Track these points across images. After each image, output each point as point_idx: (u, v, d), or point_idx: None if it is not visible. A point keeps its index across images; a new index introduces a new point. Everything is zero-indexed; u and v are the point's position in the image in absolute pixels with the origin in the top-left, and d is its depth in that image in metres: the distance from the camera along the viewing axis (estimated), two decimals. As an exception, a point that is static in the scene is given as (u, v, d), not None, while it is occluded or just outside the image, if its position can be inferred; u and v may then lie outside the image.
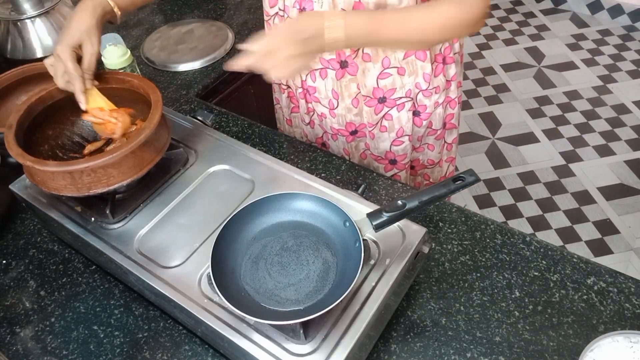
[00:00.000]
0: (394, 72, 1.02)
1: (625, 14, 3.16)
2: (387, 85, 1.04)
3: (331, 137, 1.18)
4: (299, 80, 1.09)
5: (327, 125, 1.15)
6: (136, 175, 0.81)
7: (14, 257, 0.96)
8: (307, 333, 0.67)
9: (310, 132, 1.21)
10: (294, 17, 0.88)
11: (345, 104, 1.08)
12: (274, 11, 1.06)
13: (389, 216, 0.70)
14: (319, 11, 0.89)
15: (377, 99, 1.06)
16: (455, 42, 1.06)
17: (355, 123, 1.11)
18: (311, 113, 1.16)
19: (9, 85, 1.11)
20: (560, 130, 2.56)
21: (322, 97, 1.09)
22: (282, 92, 1.19)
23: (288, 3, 1.00)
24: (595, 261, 0.86)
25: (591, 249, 2.06)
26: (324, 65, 1.03)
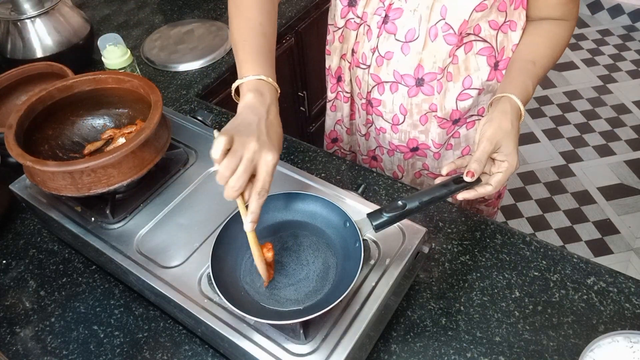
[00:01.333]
0: (474, 94, 0.98)
1: (625, 14, 3.16)
2: (465, 107, 0.99)
3: (387, 153, 1.13)
4: (365, 91, 1.03)
5: (384, 140, 1.10)
6: (136, 175, 0.81)
7: (14, 257, 0.96)
8: (307, 333, 0.67)
9: (364, 143, 1.16)
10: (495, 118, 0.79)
11: (412, 121, 1.02)
12: (347, 19, 0.99)
13: (389, 216, 0.70)
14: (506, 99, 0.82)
15: (452, 121, 1.01)
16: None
17: (418, 140, 1.06)
18: (369, 125, 1.10)
19: (9, 85, 1.11)
20: (560, 130, 2.56)
21: (385, 112, 1.03)
22: (346, 101, 1.12)
23: (369, 10, 0.94)
24: (595, 261, 0.86)
25: (591, 249, 2.06)
26: (396, 79, 0.97)
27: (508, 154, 0.78)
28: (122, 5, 1.70)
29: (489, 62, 0.95)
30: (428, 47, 0.92)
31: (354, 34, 1.00)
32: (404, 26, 0.91)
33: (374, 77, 1.00)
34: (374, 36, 0.95)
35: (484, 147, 0.76)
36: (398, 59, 0.95)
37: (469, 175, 0.74)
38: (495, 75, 0.97)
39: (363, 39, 0.98)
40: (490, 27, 0.91)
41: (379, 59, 0.97)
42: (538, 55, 0.90)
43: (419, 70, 0.95)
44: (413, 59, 0.94)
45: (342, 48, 1.05)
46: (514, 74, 0.88)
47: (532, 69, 0.88)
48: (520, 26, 0.93)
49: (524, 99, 0.83)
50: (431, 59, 0.93)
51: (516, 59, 0.92)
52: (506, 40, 0.94)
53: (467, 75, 0.96)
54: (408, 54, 0.93)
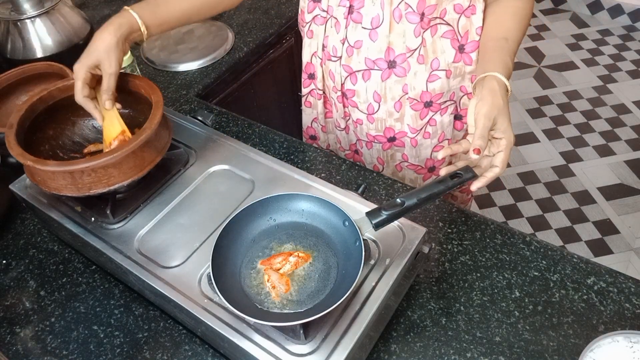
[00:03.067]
0: (442, 75, 1.00)
1: (625, 14, 3.16)
2: (435, 89, 1.01)
3: (365, 145, 1.14)
4: (339, 83, 1.05)
5: (362, 132, 1.12)
6: (137, 175, 0.81)
7: (14, 257, 0.96)
8: (307, 333, 0.67)
9: (345, 137, 1.17)
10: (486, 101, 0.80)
11: (387, 107, 1.05)
12: (314, 14, 1.03)
13: (388, 214, 0.70)
14: (492, 81, 0.83)
15: (423, 102, 1.03)
16: None
17: (394, 129, 1.08)
18: (347, 118, 1.12)
19: (9, 85, 1.11)
20: (560, 130, 2.56)
21: (360, 102, 1.06)
22: (319, 98, 1.14)
23: (333, 3, 0.98)
24: (595, 261, 0.86)
25: (591, 249, 2.06)
26: (368, 67, 1.00)
27: (504, 130, 0.79)
28: (122, 5, 1.70)
29: (452, 44, 0.98)
30: (395, 29, 0.95)
31: (322, 28, 1.03)
32: (368, 13, 0.95)
33: (345, 67, 1.02)
34: (342, 27, 0.99)
35: (484, 124, 0.78)
36: (367, 46, 0.98)
37: (475, 152, 0.75)
38: (461, 58, 0.99)
39: (332, 32, 1.01)
40: (455, 10, 0.95)
41: (349, 49, 1.00)
42: (508, 32, 0.91)
43: (389, 53, 0.98)
44: (382, 44, 0.97)
45: (312, 44, 1.08)
46: (491, 53, 0.90)
47: (505, 45, 0.90)
48: (480, 9, 0.96)
49: (507, 74, 0.85)
50: (400, 39, 0.96)
51: (488, 39, 0.94)
52: (469, 24, 0.97)
53: (434, 57, 0.99)
54: (377, 40, 0.97)
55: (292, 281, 0.72)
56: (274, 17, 1.56)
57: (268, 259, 0.74)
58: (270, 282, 0.71)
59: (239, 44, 1.47)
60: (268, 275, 0.72)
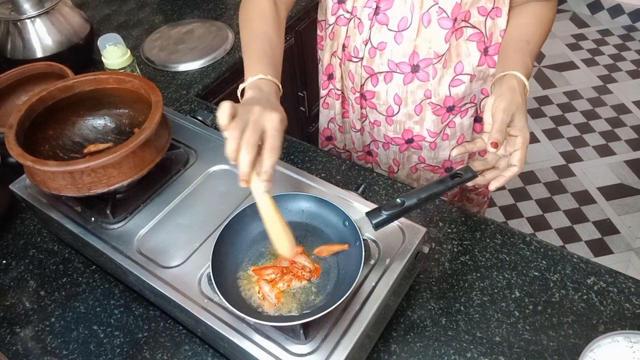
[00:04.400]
0: (466, 80, 0.99)
1: (625, 14, 3.16)
2: (458, 94, 1.01)
3: (382, 146, 1.13)
4: (358, 84, 1.04)
5: (379, 133, 1.11)
6: (137, 175, 0.81)
7: (14, 257, 0.96)
8: (307, 333, 0.67)
9: (359, 139, 1.17)
10: (505, 97, 0.79)
11: (407, 110, 1.03)
12: (337, 15, 1.01)
13: (388, 214, 0.70)
14: (512, 79, 0.82)
15: (446, 107, 1.02)
16: None
17: (413, 131, 1.07)
18: (363, 119, 1.11)
19: (9, 85, 1.11)
20: (560, 130, 2.56)
21: (380, 103, 1.05)
22: (337, 98, 1.13)
23: (359, 4, 0.96)
24: (595, 261, 0.86)
25: (591, 249, 2.06)
26: (391, 69, 0.99)
27: (521, 128, 0.79)
28: (122, 5, 1.71)
29: (479, 47, 0.97)
30: (422, 33, 0.94)
31: (344, 29, 1.02)
32: (395, 16, 0.93)
33: (367, 69, 1.01)
34: (366, 28, 0.97)
35: (502, 119, 0.77)
36: (392, 48, 0.97)
37: (492, 146, 0.75)
38: (485, 61, 0.99)
39: (354, 33, 1.00)
40: (479, 13, 0.94)
41: (372, 51, 0.99)
42: (530, 35, 0.92)
43: (414, 57, 0.96)
44: (407, 47, 0.96)
45: (333, 45, 1.07)
46: (511, 54, 0.90)
47: (526, 47, 0.90)
48: (505, 12, 0.95)
49: (527, 75, 0.85)
50: (426, 44, 0.95)
51: (510, 41, 0.94)
52: (494, 26, 0.96)
53: (458, 61, 0.97)
54: (402, 43, 0.95)
55: (285, 295, 0.70)
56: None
57: (259, 269, 0.73)
58: (261, 293, 0.70)
59: (239, 44, 1.47)
60: (259, 286, 0.71)
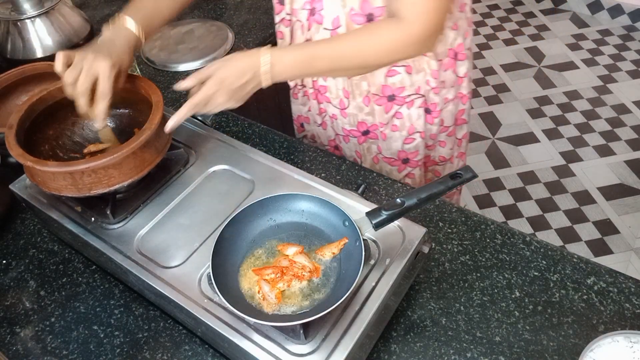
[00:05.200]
0: (402, 70, 1.01)
1: (625, 14, 3.15)
2: (395, 83, 1.03)
3: (343, 140, 1.17)
4: (310, 80, 1.08)
5: (338, 126, 1.14)
6: (137, 175, 0.81)
7: (14, 257, 0.96)
8: (307, 333, 0.67)
9: (322, 133, 1.20)
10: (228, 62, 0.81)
11: (356, 103, 1.07)
12: (280, 17, 1.05)
13: (388, 214, 0.70)
14: (251, 53, 0.82)
15: (386, 97, 1.05)
16: (466, 37, 1.05)
17: (367, 122, 1.10)
18: (323, 114, 1.15)
19: (9, 85, 1.11)
20: (560, 130, 2.56)
21: (332, 97, 1.08)
22: (298, 90, 1.18)
23: (297, 6, 0.99)
24: (595, 261, 0.86)
25: (591, 249, 2.06)
26: None
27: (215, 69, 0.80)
28: (122, 5, 1.69)
29: None
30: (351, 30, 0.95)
31: (289, 30, 1.05)
32: (328, 15, 0.95)
33: None
34: (306, 29, 1.00)
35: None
36: None
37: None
38: None
39: (297, 34, 1.03)
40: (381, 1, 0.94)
41: None
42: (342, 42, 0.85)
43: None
44: None
45: (283, 45, 1.09)
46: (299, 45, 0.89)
47: (313, 45, 0.87)
48: None
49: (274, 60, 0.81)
50: None
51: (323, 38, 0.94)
52: None
53: None
54: None
55: (285, 295, 0.70)
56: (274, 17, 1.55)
57: (259, 269, 0.73)
58: (262, 293, 0.70)
59: (239, 44, 1.47)
60: (259, 286, 0.71)
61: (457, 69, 1.06)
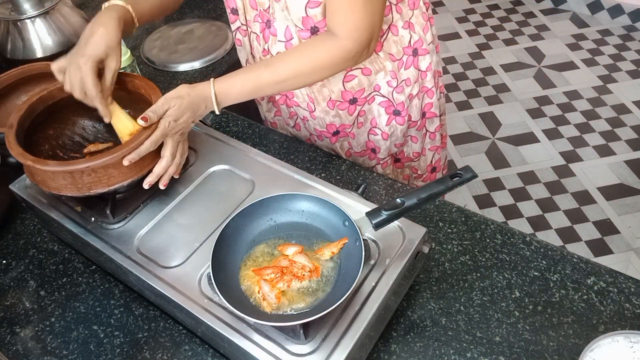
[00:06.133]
0: (358, 73, 1.02)
1: (625, 14, 3.16)
2: (354, 87, 1.03)
3: (317, 138, 1.18)
4: None
5: (310, 127, 1.15)
6: (137, 175, 0.81)
7: (14, 257, 0.96)
8: (307, 333, 0.67)
9: (297, 133, 1.21)
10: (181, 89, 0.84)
11: (321, 107, 1.08)
12: (236, 26, 1.06)
13: (388, 214, 0.70)
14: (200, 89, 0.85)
15: (347, 101, 1.06)
16: (425, 33, 1.04)
17: (335, 124, 1.11)
18: (294, 117, 1.16)
19: (9, 85, 1.11)
20: (560, 130, 2.56)
21: (300, 101, 1.09)
22: (262, 99, 1.19)
23: (250, 17, 1.00)
24: (595, 261, 0.86)
25: (591, 249, 2.06)
26: None
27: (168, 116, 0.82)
28: (122, 5, 1.70)
29: None
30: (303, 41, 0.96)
31: (247, 40, 1.06)
32: (280, 27, 0.96)
33: None
34: (262, 40, 1.01)
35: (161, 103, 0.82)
36: None
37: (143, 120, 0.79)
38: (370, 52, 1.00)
39: (255, 45, 1.04)
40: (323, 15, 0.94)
41: None
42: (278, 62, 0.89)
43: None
44: None
45: (242, 52, 1.11)
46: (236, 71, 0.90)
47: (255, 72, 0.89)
48: None
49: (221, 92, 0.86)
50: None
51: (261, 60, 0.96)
52: None
53: None
54: None
55: (285, 295, 0.70)
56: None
57: (259, 269, 0.73)
58: (262, 293, 0.70)
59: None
60: (259, 286, 0.71)
61: (418, 64, 1.06)
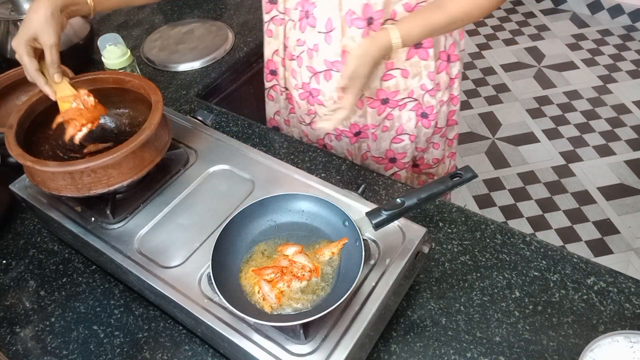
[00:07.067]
0: (397, 74, 1.02)
1: (625, 14, 3.16)
2: (390, 87, 1.04)
3: (335, 138, 1.17)
4: (301, 81, 1.08)
5: None
6: (136, 175, 0.81)
7: (14, 257, 0.96)
8: (307, 333, 0.67)
9: (311, 132, 1.20)
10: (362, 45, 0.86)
11: None
12: (271, 15, 1.05)
13: (388, 214, 0.70)
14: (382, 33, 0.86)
15: (380, 100, 1.06)
16: (461, 38, 1.06)
17: (359, 124, 1.11)
18: (312, 115, 1.15)
19: (9, 85, 1.10)
20: (560, 130, 2.56)
21: (325, 99, 1.08)
22: (280, 94, 1.19)
23: (290, 5, 1.00)
24: (595, 261, 0.86)
25: (591, 249, 2.06)
26: (328, 68, 1.02)
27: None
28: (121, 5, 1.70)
29: None
30: (347, 33, 0.96)
31: (282, 29, 1.05)
32: (321, 17, 0.96)
33: (309, 68, 1.05)
34: (298, 30, 1.00)
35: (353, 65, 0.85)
36: (324, 49, 0.99)
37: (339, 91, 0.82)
38: (415, 53, 1.01)
39: (291, 34, 1.03)
40: (405, 9, 0.94)
41: (309, 52, 1.02)
42: (447, 2, 0.89)
43: (345, 56, 0.99)
44: (337, 47, 0.98)
45: (272, 43, 1.10)
46: (410, 15, 0.91)
47: (430, 15, 0.89)
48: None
49: (405, 32, 0.87)
50: (353, 44, 0.97)
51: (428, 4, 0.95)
52: None
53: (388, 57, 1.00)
54: (331, 43, 0.98)
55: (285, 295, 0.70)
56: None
57: (259, 269, 0.73)
58: (262, 293, 0.70)
59: (239, 44, 1.47)
60: (259, 286, 0.71)
61: (449, 70, 1.07)
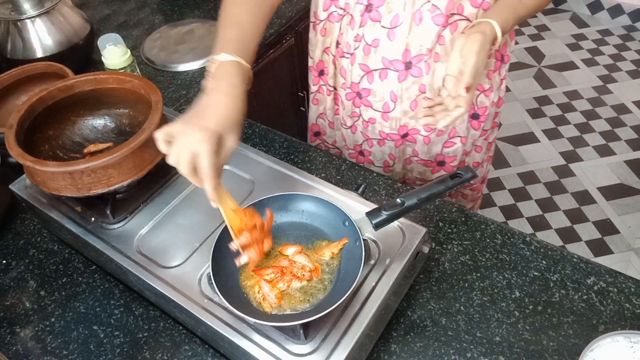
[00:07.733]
0: None
1: (625, 14, 3.15)
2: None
3: (377, 143, 1.14)
4: (349, 80, 1.05)
5: (374, 130, 1.11)
6: (136, 175, 0.81)
7: (14, 257, 0.96)
8: (307, 333, 0.67)
9: (350, 136, 1.17)
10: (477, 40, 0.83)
11: (402, 107, 1.04)
12: (328, 12, 1.01)
13: (388, 214, 0.70)
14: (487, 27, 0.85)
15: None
16: (512, 39, 1.04)
17: (408, 126, 1.08)
18: (355, 118, 1.12)
19: (9, 85, 1.11)
20: (560, 130, 2.55)
21: (375, 101, 1.05)
22: (329, 94, 1.15)
23: (350, 1, 0.96)
24: (595, 261, 0.86)
25: (591, 249, 2.06)
26: (385, 66, 0.99)
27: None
28: (122, 5, 1.70)
29: None
30: (413, 31, 0.94)
31: (337, 25, 1.02)
32: (388, 12, 0.94)
33: (362, 66, 1.02)
34: (357, 25, 0.98)
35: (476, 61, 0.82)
36: (385, 45, 0.97)
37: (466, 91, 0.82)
38: None
39: (347, 29, 1.00)
40: (472, 5, 0.93)
41: (366, 48, 0.99)
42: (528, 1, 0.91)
43: (406, 55, 0.97)
44: (400, 44, 0.96)
45: (325, 41, 1.07)
46: (500, 7, 0.90)
47: (517, 6, 0.90)
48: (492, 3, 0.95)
49: (502, 28, 0.87)
50: (417, 42, 0.95)
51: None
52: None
53: None
54: (394, 40, 0.96)
55: (285, 295, 0.70)
56: (274, 17, 1.55)
57: (259, 269, 0.72)
58: (262, 293, 0.70)
59: (239, 44, 1.46)
60: (259, 286, 0.71)
61: (501, 70, 1.05)
